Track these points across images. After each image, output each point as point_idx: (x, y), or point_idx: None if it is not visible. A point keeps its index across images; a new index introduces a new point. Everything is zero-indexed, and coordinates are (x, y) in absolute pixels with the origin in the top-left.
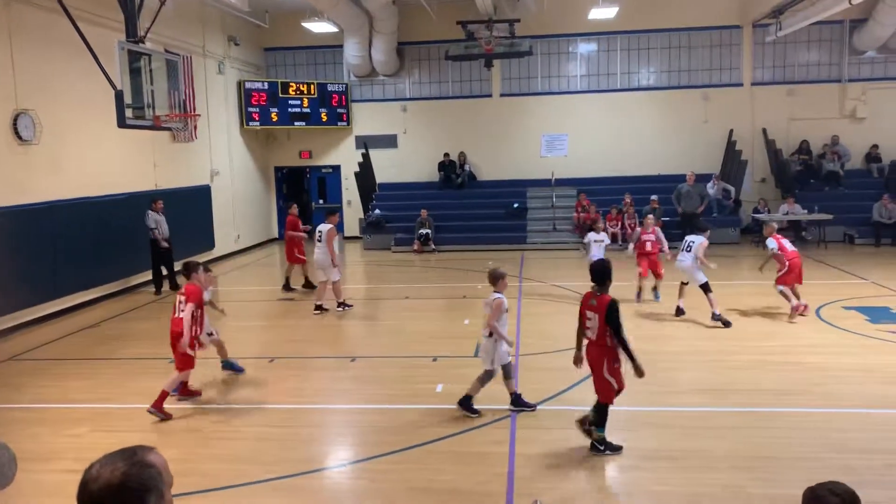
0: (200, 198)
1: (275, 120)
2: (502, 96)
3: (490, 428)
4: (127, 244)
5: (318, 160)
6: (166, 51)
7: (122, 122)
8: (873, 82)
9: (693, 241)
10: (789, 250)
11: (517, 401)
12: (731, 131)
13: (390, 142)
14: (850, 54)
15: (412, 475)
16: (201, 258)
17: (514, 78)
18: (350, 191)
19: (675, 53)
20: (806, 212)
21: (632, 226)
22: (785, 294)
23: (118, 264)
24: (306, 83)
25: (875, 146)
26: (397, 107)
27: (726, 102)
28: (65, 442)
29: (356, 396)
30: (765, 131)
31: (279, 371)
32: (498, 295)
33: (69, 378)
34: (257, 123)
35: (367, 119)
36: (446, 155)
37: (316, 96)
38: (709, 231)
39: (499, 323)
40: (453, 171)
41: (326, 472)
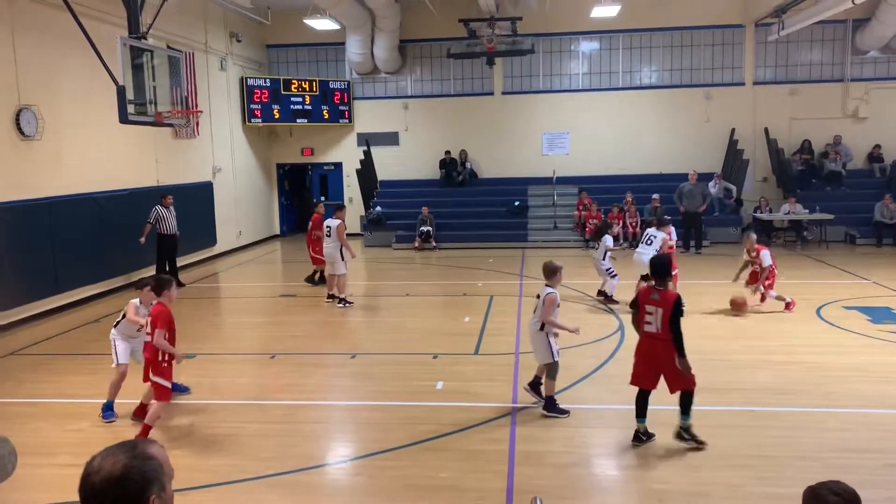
0: (202, 194)
1: (277, 117)
2: (504, 94)
3: (490, 426)
4: (128, 240)
5: (320, 157)
6: (168, 47)
7: (123, 118)
8: (876, 82)
9: (655, 236)
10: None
11: (551, 405)
12: (733, 130)
13: (392, 139)
14: (852, 54)
15: (412, 472)
16: (204, 255)
17: (515, 76)
18: (352, 188)
19: (677, 52)
20: (807, 211)
21: (633, 224)
22: (781, 297)
23: (119, 260)
24: (308, 80)
25: (877, 146)
26: (399, 104)
27: (728, 101)
28: (66, 437)
29: (356, 393)
30: (767, 130)
31: (280, 367)
32: (551, 289)
33: (70, 373)
34: (259, 120)
35: (368, 116)
36: (447, 152)
37: (318, 93)
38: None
39: (551, 315)
40: (454, 168)
41: (326, 468)
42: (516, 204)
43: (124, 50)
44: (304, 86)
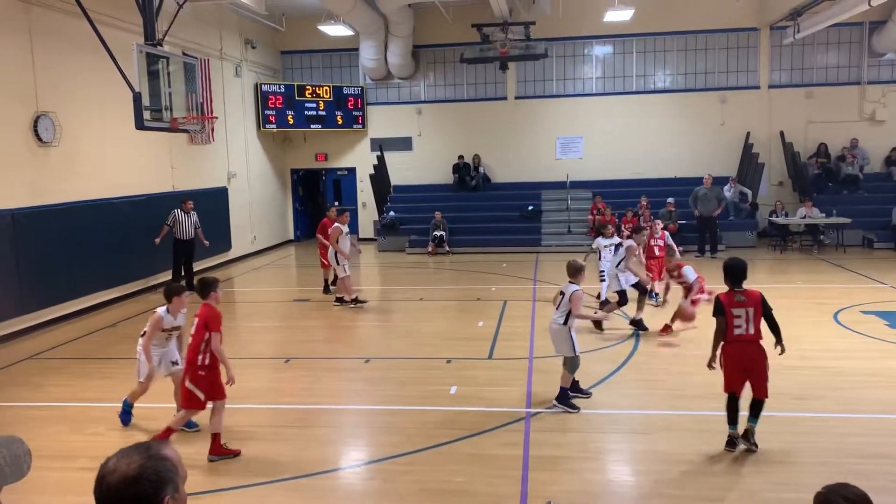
0: (217, 200)
1: (291, 122)
2: (517, 99)
3: (504, 430)
4: (144, 245)
5: (334, 162)
6: (184, 53)
7: (139, 124)
8: (893, 85)
9: (620, 245)
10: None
11: (564, 397)
12: (748, 134)
13: (405, 144)
14: (869, 56)
15: (425, 476)
16: (218, 259)
17: (529, 80)
18: (365, 193)
19: (691, 56)
20: (824, 215)
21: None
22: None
23: (135, 265)
24: (322, 86)
25: (895, 149)
26: (412, 109)
27: (743, 105)
28: (83, 440)
29: (370, 397)
30: (782, 134)
31: (294, 371)
32: (577, 287)
33: (87, 377)
34: (274, 126)
35: (382, 121)
36: (461, 157)
37: (332, 99)
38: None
39: (580, 311)
40: (468, 173)
41: (340, 472)
42: (530, 208)
43: (140, 57)
44: (318, 92)
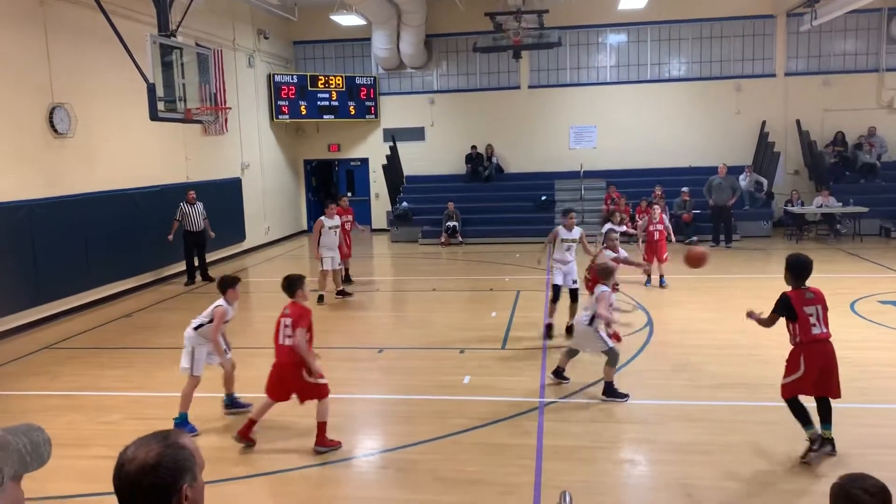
0: (231, 190)
1: (304, 113)
2: (530, 88)
3: (518, 420)
4: (159, 236)
5: (347, 153)
6: (197, 44)
7: (153, 115)
8: None
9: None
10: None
11: (610, 390)
12: (764, 122)
13: (418, 134)
14: (888, 43)
15: (439, 465)
16: (233, 250)
17: (542, 69)
18: (378, 183)
19: (706, 44)
20: (841, 205)
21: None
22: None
23: (150, 256)
24: (335, 76)
25: None
26: (425, 99)
27: (759, 93)
28: (99, 428)
29: (383, 387)
30: (798, 122)
31: None
32: (605, 288)
33: (104, 367)
34: (287, 117)
35: (394, 112)
36: (474, 147)
37: (344, 89)
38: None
39: (608, 312)
40: (480, 163)
41: (354, 461)
42: (543, 199)
43: (154, 48)
44: (330, 82)
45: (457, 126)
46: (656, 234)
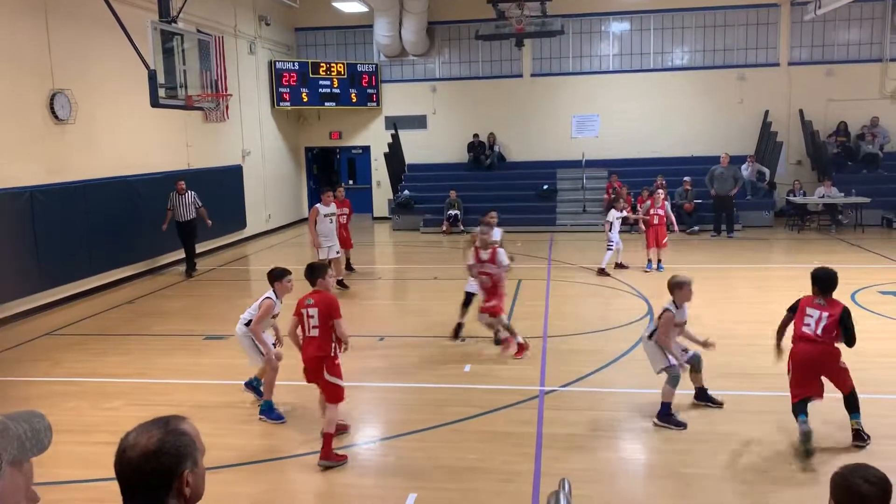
0: (232, 178)
1: (305, 100)
2: (533, 76)
3: (518, 408)
4: (160, 223)
5: (348, 141)
6: (198, 31)
7: (154, 102)
8: None
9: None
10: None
11: (703, 395)
12: (767, 112)
13: (420, 122)
14: (891, 33)
15: (439, 453)
16: (234, 238)
17: (545, 58)
18: (379, 171)
19: (709, 32)
20: (843, 195)
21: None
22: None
23: (152, 243)
24: (336, 63)
25: None
26: (427, 87)
27: (762, 83)
28: (101, 415)
29: (384, 375)
30: (801, 112)
31: None
32: (669, 308)
33: (105, 353)
34: (288, 104)
35: (396, 99)
36: (476, 136)
37: (346, 76)
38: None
39: (667, 337)
40: (483, 152)
41: (354, 448)
42: (545, 187)
43: (155, 34)
44: (332, 69)
45: (459, 114)
46: (656, 219)
